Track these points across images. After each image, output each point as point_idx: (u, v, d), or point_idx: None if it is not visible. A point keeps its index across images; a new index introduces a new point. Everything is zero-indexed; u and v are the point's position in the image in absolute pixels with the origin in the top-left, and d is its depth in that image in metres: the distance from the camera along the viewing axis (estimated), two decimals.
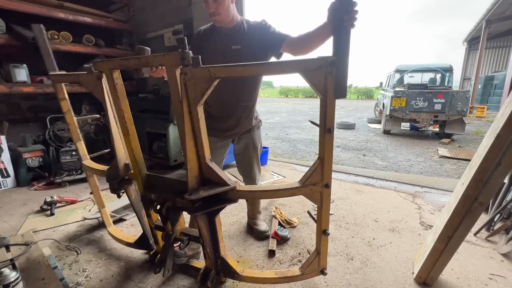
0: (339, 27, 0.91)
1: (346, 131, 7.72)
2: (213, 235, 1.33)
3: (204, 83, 1.05)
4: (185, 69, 1.05)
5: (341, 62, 0.91)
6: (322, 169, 1.10)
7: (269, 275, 1.38)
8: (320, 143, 1.07)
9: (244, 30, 1.52)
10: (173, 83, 1.09)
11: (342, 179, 3.27)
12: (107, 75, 1.25)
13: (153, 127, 3.40)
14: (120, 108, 1.30)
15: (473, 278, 1.56)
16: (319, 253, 1.29)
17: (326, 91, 0.96)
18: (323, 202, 1.17)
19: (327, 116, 1.00)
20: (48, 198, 2.43)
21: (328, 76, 0.93)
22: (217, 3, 1.41)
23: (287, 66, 0.97)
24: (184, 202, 1.25)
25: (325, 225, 1.23)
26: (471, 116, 10.41)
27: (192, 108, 1.10)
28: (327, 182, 1.12)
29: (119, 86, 1.28)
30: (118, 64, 1.22)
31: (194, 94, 1.08)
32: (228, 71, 1.03)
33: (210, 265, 1.45)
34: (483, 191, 1.26)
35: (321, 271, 1.33)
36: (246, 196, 1.28)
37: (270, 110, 14.58)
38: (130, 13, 4.07)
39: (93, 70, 1.29)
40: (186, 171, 1.17)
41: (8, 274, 1.29)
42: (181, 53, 1.03)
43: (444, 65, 7.39)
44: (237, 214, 2.32)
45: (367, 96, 28.07)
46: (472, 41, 15.96)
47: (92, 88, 1.35)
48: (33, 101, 3.86)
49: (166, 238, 1.40)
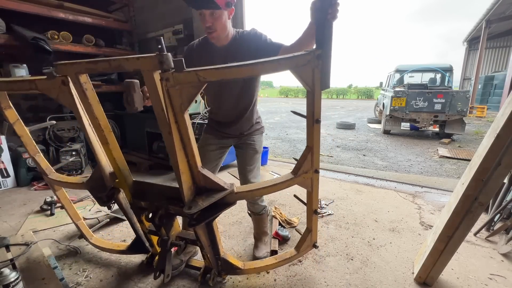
0: (323, 21, 0.95)
1: (346, 131, 7.72)
2: (212, 239, 1.32)
3: (191, 88, 0.95)
4: (166, 74, 0.92)
5: (326, 54, 0.95)
6: (312, 157, 1.16)
7: (269, 262, 1.48)
8: (308, 133, 1.12)
9: (240, 44, 1.47)
10: (152, 90, 0.97)
11: (342, 179, 3.27)
12: (73, 80, 1.07)
13: (153, 127, 3.40)
14: (94, 116, 1.15)
15: (473, 278, 1.56)
16: (311, 230, 1.41)
17: (313, 84, 1.00)
18: (313, 186, 1.25)
19: (315, 107, 1.05)
20: (48, 198, 2.43)
21: (315, 70, 0.97)
22: (214, 18, 1.33)
23: (279, 64, 0.96)
24: (177, 209, 1.22)
25: (315, 205, 1.34)
26: (471, 116, 10.42)
27: (178, 117, 1.00)
28: (316, 168, 1.20)
29: (89, 91, 1.11)
30: (85, 68, 1.04)
31: (180, 101, 0.96)
32: (219, 74, 0.94)
33: (210, 265, 1.45)
34: (483, 191, 1.26)
35: (313, 245, 1.48)
36: (245, 196, 1.26)
37: (270, 110, 14.59)
38: (130, 13, 4.08)
39: (55, 74, 1.09)
40: (180, 183, 1.11)
41: (8, 274, 1.29)
42: (159, 56, 0.90)
43: (444, 65, 7.39)
44: (237, 214, 2.32)
45: (367, 96, 28.08)
46: (472, 41, 15.97)
47: (56, 95, 1.14)
48: (33, 101, 3.86)
49: (163, 244, 1.35)
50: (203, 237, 1.28)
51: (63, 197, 1.69)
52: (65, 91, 1.11)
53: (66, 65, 1.06)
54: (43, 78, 1.12)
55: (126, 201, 1.42)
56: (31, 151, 1.52)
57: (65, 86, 1.10)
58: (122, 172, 1.32)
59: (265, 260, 1.47)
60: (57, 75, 1.09)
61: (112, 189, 1.37)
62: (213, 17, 1.32)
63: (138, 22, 4.13)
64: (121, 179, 1.34)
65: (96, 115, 1.15)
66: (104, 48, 3.73)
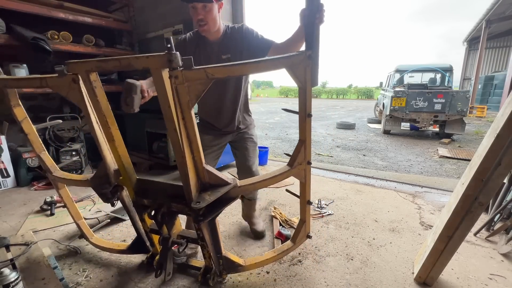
0: (312, 24, 1.05)
1: (346, 131, 7.72)
2: (214, 237, 1.34)
3: (200, 85, 1.01)
4: (175, 72, 0.98)
5: (315, 54, 1.05)
6: (305, 149, 1.24)
7: (269, 256, 1.51)
8: (301, 127, 1.20)
9: (232, 38, 1.52)
10: (160, 88, 1.00)
11: (342, 179, 3.27)
12: (84, 77, 1.12)
13: (153, 127, 3.40)
14: (102, 113, 1.19)
15: (473, 278, 1.56)
16: (304, 221, 1.47)
17: (305, 81, 1.08)
18: (306, 177, 1.32)
19: (306, 103, 1.13)
20: (48, 198, 2.43)
21: (307, 68, 1.06)
22: (206, 11, 1.38)
23: (279, 62, 1.05)
24: (180, 207, 1.25)
25: (308, 196, 1.40)
26: (471, 116, 10.42)
27: (185, 114, 1.05)
28: (309, 160, 1.28)
29: (99, 89, 1.16)
30: (96, 66, 1.08)
31: (188, 98, 1.02)
32: (227, 71, 1.01)
33: (211, 264, 1.46)
34: (483, 191, 1.26)
35: (307, 236, 1.54)
36: (248, 189, 1.29)
37: (270, 110, 14.59)
38: (130, 13, 4.07)
39: (66, 72, 1.14)
40: (186, 179, 1.14)
41: (8, 274, 1.28)
42: (168, 54, 0.95)
43: (444, 65, 7.40)
44: (237, 214, 2.32)
45: (367, 96, 28.09)
46: (472, 41, 15.97)
47: (66, 92, 1.19)
48: (33, 101, 3.85)
49: (164, 242, 1.38)
50: (206, 235, 1.30)
51: (65, 196, 1.70)
52: (75, 88, 1.16)
53: (77, 63, 1.10)
54: (54, 76, 1.16)
55: (129, 199, 1.45)
56: (37, 149, 1.54)
57: (75, 83, 1.14)
58: (127, 170, 1.35)
59: (265, 254, 1.51)
60: (68, 73, 1.13)
61: (116, 186, 1.39)
62: (205, 10, 1.39)
63: (138, 22, 4.13)
64: (125, 177, 1.36)
65: (104, 112, 1.19)
66: (104, 48, 3.73)
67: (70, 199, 1.72)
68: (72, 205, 1.73)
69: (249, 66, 1.03)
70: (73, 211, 1.75)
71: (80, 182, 1.51)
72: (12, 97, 1.43)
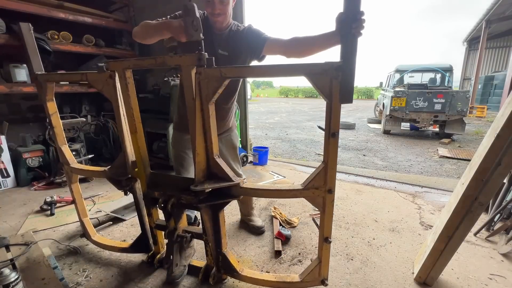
0: (347, 34, 0.95)
1: (346, 131, 7.72)
2: (216, 230, 1.36)
3: (215, 82, 1.12)
4: (200, 69, 1.11)
5: (348, 67, 0.93)
6: (325, 173, 1.10)
7: (267, 278, 1.37)
8: (324, 147, 1.08)
9: (234, 37, 1.49)
10: (188, 82, 1.14)
11: (342, 179, 3.27)
12: (120, 74, 1.28)
13: (153, 127, 3.39)
14: (130, 106, 1.33)
15: (473, 278, 1.56)
16: (320, 261, 1.24)
17: (331, 95, 0.98)
18: (325, 207, 1.14)
19: (332, 120, 1.01)
20: (48, 198, 2.43)
21: (333, 80, 0.96)
22: (224, 4, 1.38)
23: (294, 69, 1.02)
24: (189, 199, 1.29)
25: (327, 232, 1.18)
26: (471, 116, 10.41)
27: (204, 106, 1.16)
28: (331, 188, 1.10)
29: (131, 85, 1.31)
30: (133, 64, 1.26)
31: (206, 92, 1.14)
32: (239, 72, 1.14)
33: (211, 262, 1.46)
34: (483, 191, 1.26)
35: (321, 281, 1.28)
36: (249, 193, 1.30)
37: (270, 110, 14.58)
38: (130, 13, 4.07)
39: (105, 69, 1.30)
40: (194, 164, 1.23)
41: (8, 274, 1.29)
42: (199, 54, 1.10)
43: (444, 65, 7.40)
44: (237, 214, 2.31)
45: (367, 96, 28.06)
46: (472, 41, 15.96)
47: (101, 87, 1.34)
48: (33, 101, 3.85)
49: (170, 234, 1.43)
50: (207, 224, 1.34)
51: (76, 190, 1.77)
52: (110, 84, 1.30)
53: (117, 61, 1.27)
54: (94, 72, 1.33)
55: (140, 191, 1.51)
56: (60, 142, 1.67)
57: (111, 79, 1.29)
58: (143, 161, 1.44)
59: (264, 274, 1.42)
60: (107, 70, 1.29)
61: (129, 178, 1.47)
62: (223, 4, 1.39)
63: (138, 22, 4.12)
64: (140, 169, 1.45)
65: (132, 105, 1.34)
66: (104, 48, 3.73)
67: (80, 195, 1.80)
68: (80, 201, 1.80)
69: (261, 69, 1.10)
70: (81, 207, 1.82)
71: (97, 173, 1.60)
72: (49, 92, 1.55)
